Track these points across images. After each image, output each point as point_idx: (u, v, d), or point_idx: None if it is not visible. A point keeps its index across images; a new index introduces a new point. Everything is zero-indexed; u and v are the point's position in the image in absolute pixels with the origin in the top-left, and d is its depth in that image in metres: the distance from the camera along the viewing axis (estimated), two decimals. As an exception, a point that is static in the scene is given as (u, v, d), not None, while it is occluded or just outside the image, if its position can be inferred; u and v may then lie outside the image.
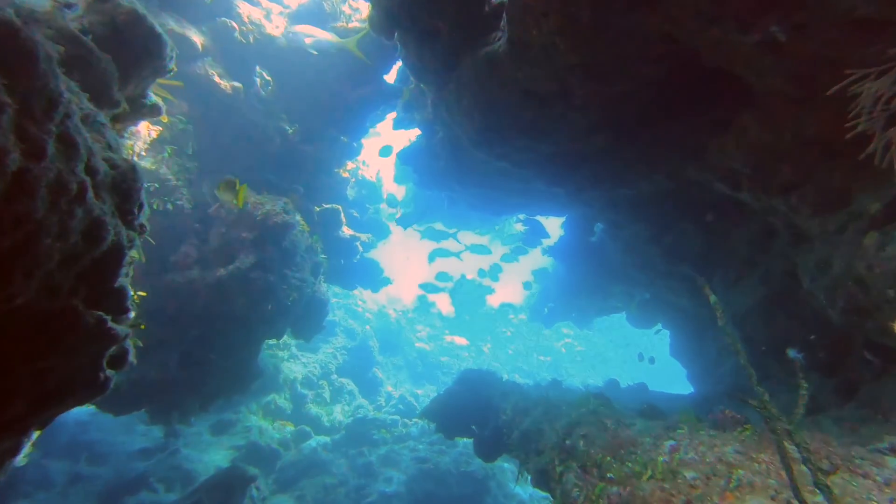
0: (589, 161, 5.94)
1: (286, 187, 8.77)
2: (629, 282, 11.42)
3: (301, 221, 8.20)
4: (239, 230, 6.79)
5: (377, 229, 12.35)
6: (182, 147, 6.31)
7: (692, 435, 3.71)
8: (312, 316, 8.74)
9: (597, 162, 5.93)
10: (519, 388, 7.73)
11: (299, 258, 7.90)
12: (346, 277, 11.37)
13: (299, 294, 7.76)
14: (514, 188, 7.69)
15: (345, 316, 18.18)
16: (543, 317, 15.98)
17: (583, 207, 8.84)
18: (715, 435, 3.58)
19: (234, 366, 7.97)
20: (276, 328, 7.59)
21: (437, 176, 8.06)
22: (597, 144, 5.57)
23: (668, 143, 5.36)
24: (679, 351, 11.69)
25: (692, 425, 3.90)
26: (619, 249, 9.57)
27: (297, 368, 14.76)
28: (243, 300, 6.90)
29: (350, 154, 9.88)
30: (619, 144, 5.57)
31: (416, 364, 18.74)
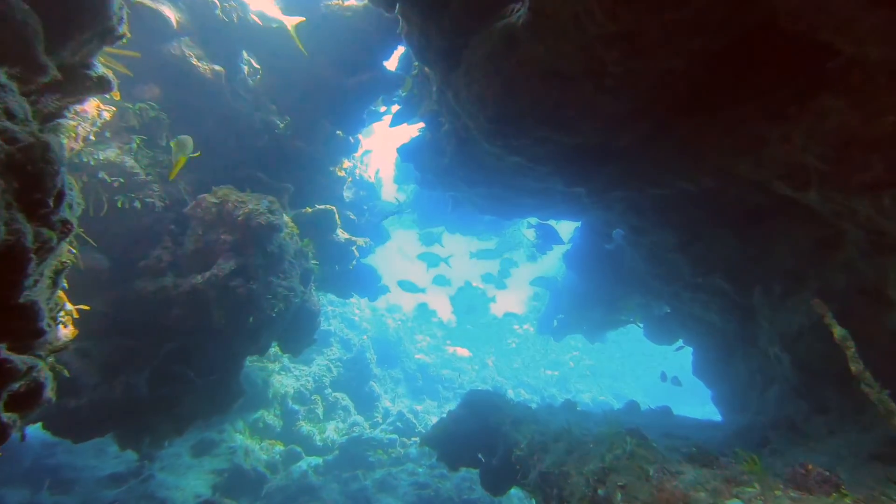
0: (619, 156, 5.25)
1: (276, 186, 8.10)
2: (649, 293, 10.73)
3: (290, 223, 7.52)
4: (218, 232, 6.10)
5: (376, 233, 11.67)
6: (154, 137, 5.64)
7: (766, 495, 2.98)
8: (301, 328, 8.03)
9: (628, 157, 5.24)
10: (532, 413, 6.99)
11: (287, 264, 7.21)
12: (340, 285, 10.67)
13: (286, 304, 7.06)
14: (527, 188, 7.00)
15: (341, 326, 17.46)
16: (552, 329, 15.27)
17: (602, 211, 8.13)
18: (799, 498, 2.85)
19: (213, 385, 7.26)
20: (260, 343, 6.88)
21: (441, 174, 7.38)
22: (630, 136, 4.89)
23: (716, 135, 4.66)
24: (703, 370, 10.94)
25: (762, 480, 3.17)
26: (641, 258, 8.88)
27: (288, 382, 14.03)
28: (221, 311, 6.20)
29: (346, 150, 9.21)
30: (657, 136, 4.88)
31: (415, 377, 17.99)
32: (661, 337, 11.64)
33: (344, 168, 10.08)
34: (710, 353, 10.51)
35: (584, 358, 23.63)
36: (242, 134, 7.54)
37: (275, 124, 8.02)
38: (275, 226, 6.39)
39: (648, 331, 11.96)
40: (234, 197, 6.08)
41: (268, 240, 6.56)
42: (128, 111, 5.23)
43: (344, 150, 9.13)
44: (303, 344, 8.33)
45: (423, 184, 8.14)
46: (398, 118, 8.18)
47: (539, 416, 7.29)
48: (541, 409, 9.08)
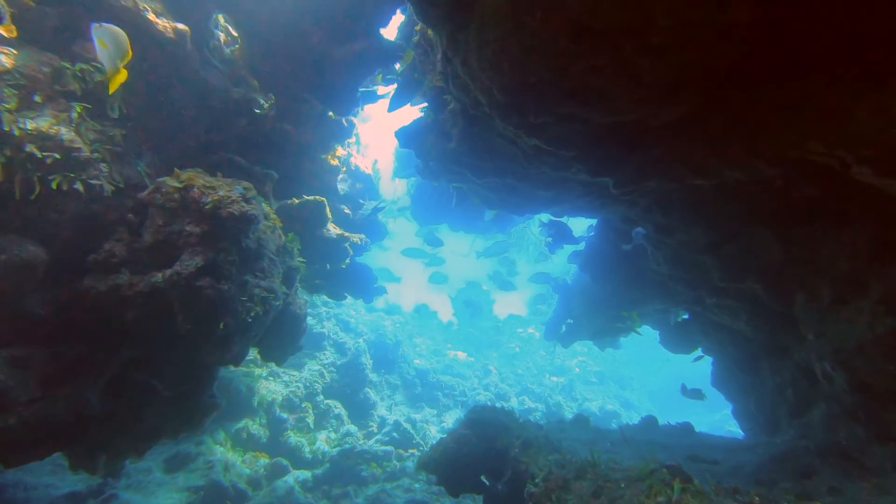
0: (657, 138, 4.43)
1: (256, 173, 7.30)
2: (668, 298, 9.90)
3: (272, 214, 6.72)
4: (182, 222, 5.29)
5: (373, 230, 10.85)
6: (102, 107, 4.82)
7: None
8: (284, 334, 7.22)
9: (668, 139, 4.42)
10: (543, 434, 6.18)
11: (266, 262, 6.40)
12: (332, 286, 9.86)
13: (265, 308, 6.25)
14: (543, 178, 6.19)
15: (335, 328, 16.66)
16: (560, 335, 14.47)
17: (624, 207, 7.33)
18: None
19: (180, 398, 6.46)
20: (233, 351, 6.07)
21: (445, 161, 6.57)
22: (673, 111, 4.07)
23: (782, 109, 3.84)
24: (724, 382, 10.15)
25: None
26: (664, 259, 8.05)
27: (276, 388, 13.23)
28: (186, 315, 5.40)
29: (340, 135, 8.39)
30: (706, 112, 4.06)
31: (413, 384, 17.18)
32: (679, 345, 10.84)
33: (337, 156, 9.26)
34: (734, 363, 9.73)
35: (591, 364, 22.81)
36: (217, 111, 6.74)
37: (256, 102, 7.21)
38: (250, 216, 5.58)
39: (665, 338, 11.15)
40: (201, 182, 5.27)
41: (242, 233, 5.75)
42: (65, 72, 4.42)
43: (337, 134, 8.30)
44: (286, 351, 7.53)
45: (425, 173, 7.34)
46: (397, 99, 7.36)
47: (551, 435, 6.48)
48: (551, 427, 8.28)
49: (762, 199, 5.71)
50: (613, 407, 18.43)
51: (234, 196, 5.38)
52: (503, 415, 6.53)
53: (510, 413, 6.71)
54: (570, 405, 17.82)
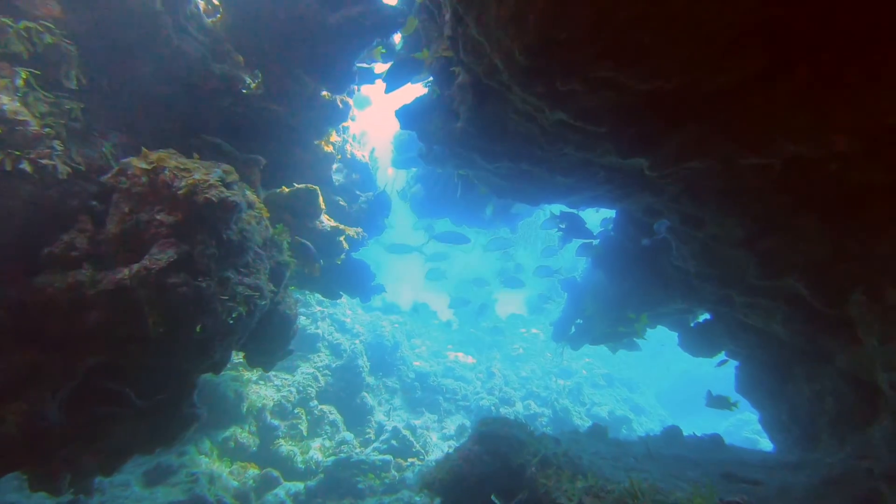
0: (707, 109, 3.83)
1: (241, 158, 6.69)
2: (691, 297, 9.32)
3: (257, 202, 6.11)
4: (152, 210, 4.68)
5: (371, 223, 10.23)
6: (55, 76, 4.21)
7: None
8: (272, 337, 6.63)
9: (720, 110, 3.81)
10: (562, 450, 5.59)
11: (251, 256, 5.80)
12: (326, 283, 9.25)
13: (250, 308, 5.65)
14: (563, 162, 5.59)
15: (330, 328, 16.06)
16: (569, 337, 13.89)
17: (649, 196, 6.73)
18: None
19: (155, 409, 5.86)
20: (213, 357, 5.48)
21: (451, 143, 5.96)
22: (734, 73, 3.46)
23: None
24: (751, 388, 9.59)
25: None
26: (690, 255, 7.46)
27: (267, 393, 12.63)
28: (157, 317, 4.80)
29: (334, 118, 7.76)
30: (776, 74, 3.44)
31: (413, 387, 16.59)
32: (701, 348, 10.25)
33: (331, 142, 8.65)
34: (763, 368, 9.17)
35: (598, 366, 22.26)
36: (197, 89, 6.12)
37: (241, 80, 6.60)
38: (231, 204, 4.97)
39: (685, 341, 10.56)
40: (173, 163, 4.65)
41: (223, 222, 5.15)
42: (7, 29, 3.80)
43: (331, 117, 7.68)
44: (274, 356, 6.93)
45: (429, 158, 6.73)
46: (396, 76, 6.73)
47: (570, 451, 5.89)
48: (566, 439, 7.71)
49: (813, 186, 5.13)
50: (623, 412, 17.87)
51: (211, 180, 4.77)
52: (517, 428, 5.94)
53: (524, 426, 6.12)
54: (578, 410, 17.26)
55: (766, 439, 19.68)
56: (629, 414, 17.89)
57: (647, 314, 10.51)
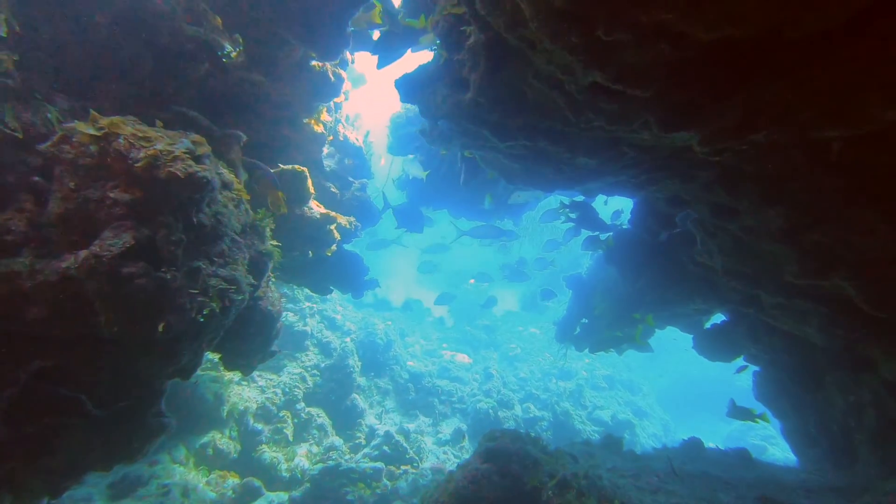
0: (790, 61, 3.17)
1: (217, 134, 5.98)
2: (712, 297, 8.72)
3: (236, 183, 5.41)
4: (103, 186, 3.97)
5: (365, 213, 9.54)
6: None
7: None
8: (251, 337, 5.94)
9: (807, 63, 3.15)
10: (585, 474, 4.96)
11: (227, 244, 5.10)
12: (315, 277, 8.57)
13: (225, 303, 4.96)
14: (589, 139, 4.93)
15: (319, 326, 15.36)
16: (574, 337, 13.32)
17: (677, 183, 6.12)
18: None
19: (115, 418, 5.16)
20: (180, 360, 4.79)
21: (459, 118, 5.28)
22: (837, 12, 2.80)
23: None
24: (774, 396, 9.04)
25: None
26: (719, 250, 6.85)
27: (250, 395, 11.93)
28: (111, 314, 4.10)
29: (325, 91, 7.05)
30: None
31: (406, 389, 15.95)
32: (718, 351, 9.65)
33: (322, 121, 7.94)
34: (788, 375, 8.61)
35: (598, 367, 21.74)
36: (167, 53, 5.40)
37: (219, 45, 5.88)
38: (201, 181, 4.27)
39: (701, 343, 9.95)
40: (129, 130, 3.94)
41: (193, 203, 4.45)
42: None
43: (322, 90, 6.97)
44: (254, 358, 6.24)
45: (432, 136, 6.04)
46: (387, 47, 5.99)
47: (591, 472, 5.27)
48: (580, 453, 7.10)
49: (875, 170, 4.51)
50: (626, 416, 17.34)
51: (177, 151, 4.06)
52: (530, 443, 5.30)
53: (537, 440, 5.49)
54: (580, 413, 16.70)
55: (776, 447, 19.28)
56: (632, 418, 17.37)
57: (652, 315, 9.94)
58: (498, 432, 5.56)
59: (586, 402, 17.91)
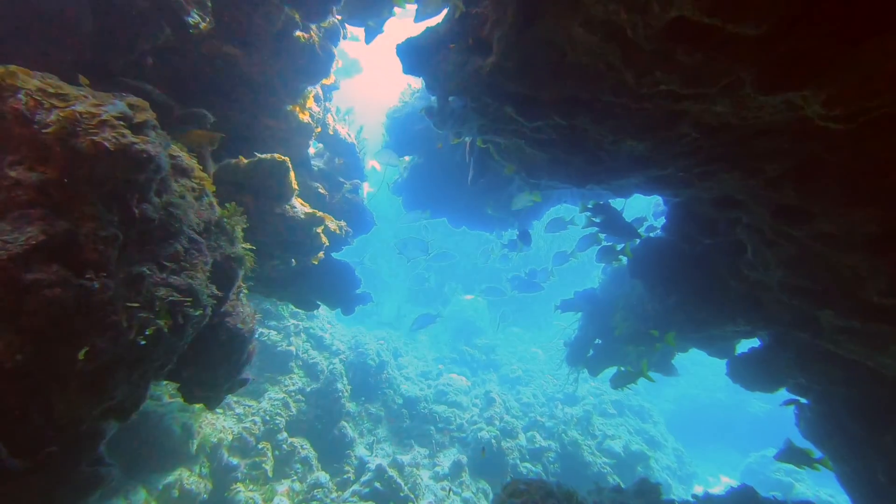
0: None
1: (182, 114, 5.01)
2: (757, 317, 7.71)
3: (197, 170, 4.42)
4: (0, 160, 2.96)
5: (357, 218, 8.55)
6: None
7: None
8: (214, 363, 4.88)
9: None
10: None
11: (183, 244, 4.09)
12: (298, 290, 7.54)
13: (178, 320, 3.93)
14: (645, 117, 4.00)
15: (305, 345, 14.23)
16: (587, 359, 12.31)
17: (736, 179, 5.19)
18: None
19: (37, 471, 4.06)
20: (113, 396, 3.72)
21: (477, 90, 4.34)
22: None
23: None
24: (828, 434, 8.03)
25: None
26: (778, 261, 5.92)
27: (226, 425, 10.76)
28: (13, 336, 3.06)
29: (312, 69, 6.10)
30: None
31: (400, 415, 14.80)
32: (758, 380, 8.63)
33: (308, 108, 6.99)
34: (846, 409, 7.62)
35: (605, 391, 20.67)
36: (113, 11, 4.44)
37: (182, 8, 4.93)
38: (141, 157, 3.27)
39: (737, 370, 8.94)
40: (35, 83, 2.95)
41: (133, 189, 3.44)
42: None
43: (308, 67, 6.02)
44: (220, 388, 5.17)
45: (441, 117, 5.05)
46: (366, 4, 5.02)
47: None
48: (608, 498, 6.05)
49: None
50: (639, 446, 16.23)
51: (105, 115, 3.07)
52: (564, 501, 4.25)
53: (571, 496, 4.44)
54: (589, 444, 15.59)
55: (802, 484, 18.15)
56: (645, 449, 16.26)
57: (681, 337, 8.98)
58: (522, 484, 4.52)
59: (595, 431, 16.80)
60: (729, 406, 29.02)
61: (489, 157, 6.87)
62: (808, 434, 8.21)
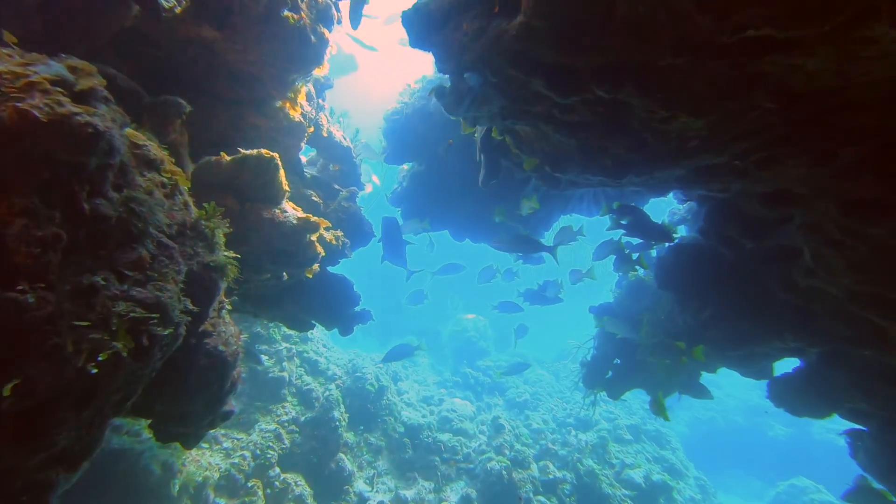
0: None
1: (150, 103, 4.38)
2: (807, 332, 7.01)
3: (166, 161, 3.77)
4: None
5: (355, 229, 7.88)
6: None
7: None
8: (190, 393, 4.14)
9: None
10: None
11: (149, 249, 3.42)
12: (291, 306, 6.83)
13: (142, 342, 3.22)
14: (708, 84, 3.39)
15: (299, 371, 13.42)
16: (606, 381, 11.58)
17: (802, 167, 4.58)
18: None
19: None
20: (55, 442, 2.99)
21: (499, 61, 3.73)
22: None
23: None
24: (895, 469, 7.29)
25: None
26: (846, 265, 5.28)
27: (212, 461, 9.91)
28: None
29: (302, 56, 5.47)
30: None
31: (402, 445, 13.93)
32: (808, 403, 7.85)
33: (300, 104, 6.38)
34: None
35: (620, 415, 19.82)
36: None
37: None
38: (85, 132, 2.61)
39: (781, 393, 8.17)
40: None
41: (80, 176, 2.78)
42: None
43: (298, 53, 5.40)
44: (198, 422, 4.43)
45: (453, 98, 4.39)
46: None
47: None
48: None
49: None
50: (660, 476, 15.34)
51: (36, 78, 2.42)
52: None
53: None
54: (607, 473, 14.71)
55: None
56: (668, 479, 15.36)
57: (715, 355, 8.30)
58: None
59: (612, 459, 15.91)
60: (747, 430, 28.07)
61: (503, 153, 6.26)
62: (868, 467, 7.47)
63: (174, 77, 5.28)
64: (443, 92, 4.46)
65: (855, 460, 7.58)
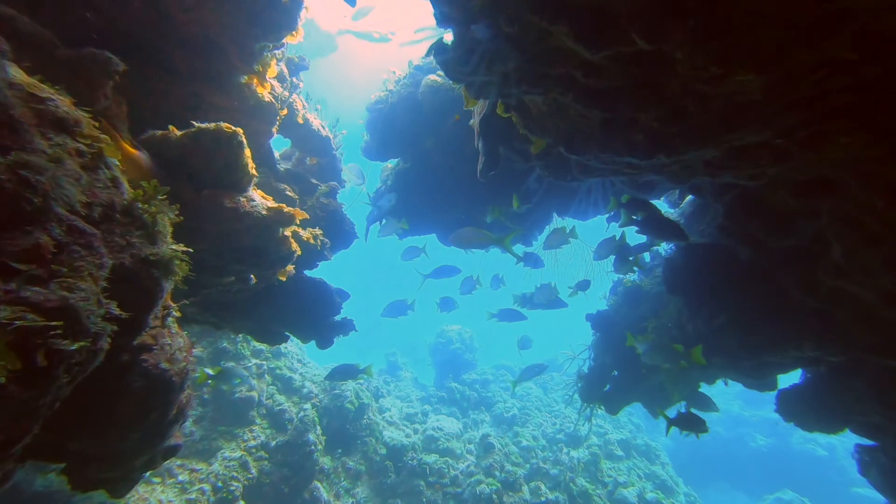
0: None
1: (69, 59, 3.55)
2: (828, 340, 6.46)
3: (85, 122, 2.95)
4: None
5: (335, 228, 7.07)
6: None
7: None
8: (120, 424, 3.27)
9: None
10: None
11: (55, 234, 2.58)
12: (259, 314, 5.96)
13: (35, 363, 2.36)
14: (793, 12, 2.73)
15: (270, 389, 12.41)
16: (604, 394, 10.93)
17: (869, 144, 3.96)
18: None
19: None
20: None
21: (516, 6, 3.03)
22: None
23: None
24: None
25: None
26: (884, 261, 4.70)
27: (163, 498, 8.85)
28: None
29: (271, 19, 4.68)
30: None
31: (384, 469, 12.97)
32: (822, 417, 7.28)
33: (269, 80, 5.58)
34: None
35: (609, 430, 19.18)
36: None
37: None
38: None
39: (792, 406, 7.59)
40: None
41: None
42: None
43: (266, 14, 4.63)
44: (129, 465, 3.53)
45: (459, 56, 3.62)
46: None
47: None
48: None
49: None
50: (654, 494, 14.67)
51: None
52: None
53: None
54: (600, 493, 13.97)
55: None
56: (661, 497, 14.70)
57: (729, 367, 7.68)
58: None
59: (604, 477, 15.19)
60: (729, 440, 27.72)
61: (503, 139, 5.55)
62: (881, 485, 6.93)
63: (117, 41, 4.45)
64: (444, 48, 3.70)
65: (866, 478, 7.12)
